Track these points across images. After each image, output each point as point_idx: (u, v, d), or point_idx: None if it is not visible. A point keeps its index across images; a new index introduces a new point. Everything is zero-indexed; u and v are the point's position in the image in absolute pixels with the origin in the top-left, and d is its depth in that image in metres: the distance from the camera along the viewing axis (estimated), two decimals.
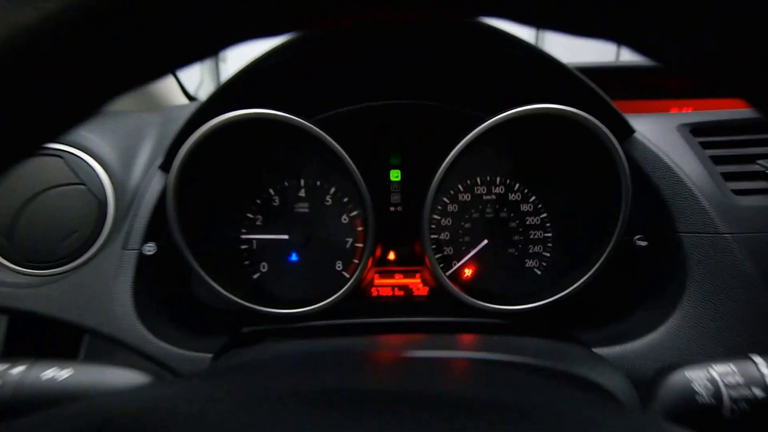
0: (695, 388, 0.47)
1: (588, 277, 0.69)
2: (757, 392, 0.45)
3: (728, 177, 0.70)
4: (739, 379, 0.47)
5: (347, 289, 0.73)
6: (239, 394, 0.29)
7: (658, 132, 0.74)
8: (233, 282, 0.77)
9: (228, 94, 0.67)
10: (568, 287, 0.70)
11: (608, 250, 0.68)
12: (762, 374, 0.47)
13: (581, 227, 0.79)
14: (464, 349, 0.62)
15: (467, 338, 0.68)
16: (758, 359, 0.49)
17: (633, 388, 0.54)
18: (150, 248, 0.67)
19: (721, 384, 0.47)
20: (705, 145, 0.73)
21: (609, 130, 0.65)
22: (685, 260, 0.66)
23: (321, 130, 0.68)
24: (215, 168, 0.74)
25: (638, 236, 0.70)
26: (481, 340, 0.67)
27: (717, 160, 0.71)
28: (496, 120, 0.67)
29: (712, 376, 0.47)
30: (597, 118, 0.65)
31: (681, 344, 0.63)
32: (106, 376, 0.48)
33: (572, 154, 0.77)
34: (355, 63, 0.71)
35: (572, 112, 0.65)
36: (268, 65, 0.64)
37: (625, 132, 0.70)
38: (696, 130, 0.75)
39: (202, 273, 0.68)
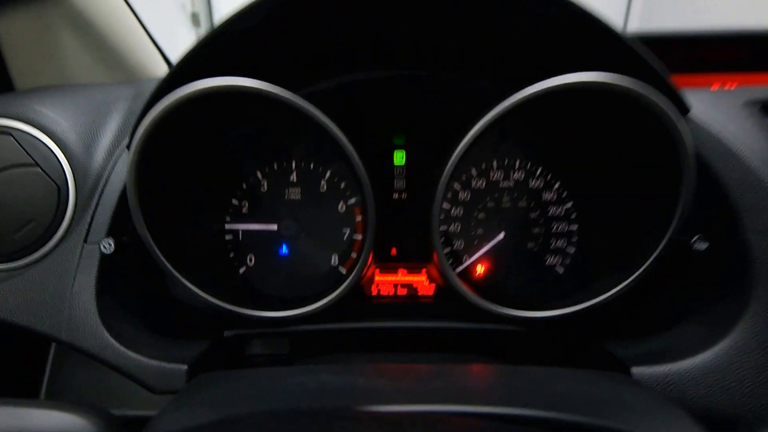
0: None
1: (627, 284, 0.60)
2: None
3: None
4: None
5: (344, 288, 0.65)
6: None
7: (719, 111, 0.63)
8: (215, 279, 0.70)
9: (201, 60, 0.57)
10: (601, 293, 0.61)
11: (658, 250, 0.58)
12: None
13: (617, 222, 0.69)
14: (478, 397, 0.42)
15: (480, 372, 0.53)
16: None
17: None
18: (108, 245, 0.58)
19: None
20: None
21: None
22: (752, 266, 0.56)
23: (311, 104, 0.58)
24: (189, 147, 0.65)
25: (696, 237, 0.60)
26: (499, 378, 0.51)
27: None
28: (530, 93, 0.56)
29: None
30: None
31: (744, 368, 0.53)
32: (28, 421, 0.39)
33: (613, 135, 0.66)
34: (352, 24, 0.61)
35: (626, 86, 0.54)
36: (247, 25, 0.54)
37: (682, 110, 0.59)
38: None
39: (176, 273, 0.60)
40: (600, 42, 0.56)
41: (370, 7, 0.58)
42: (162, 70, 1.09)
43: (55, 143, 0.63)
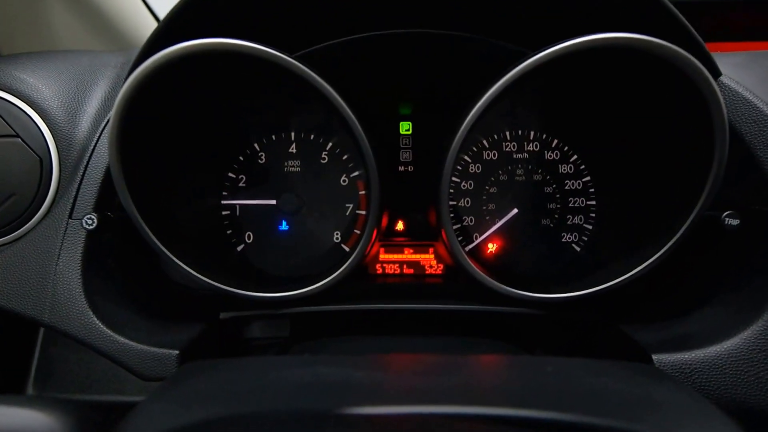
0: None
1: (652, 262, 0.56)
2: None
3: None
4: None
5: (347, 267, 0.62)
6: None
7: (750, 74, 0.58)
8: (211, 257, 0.67)
9: (189, 21, 0.53)
10: (622, 273, 0.57)
11: (686, 226, 0.54)
12: None
13: (641, 196, 0.66)
14: (495, 397, 0.39)
15: (497, 365, 0.49)
16: None
17: None
18: (91, 220, 0.56)
19: None
20: None
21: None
22: None
23: (307, 66, 0.54)
24: (179, 117, 0.62)
25: (728, 212, 0.56)
26: (518, 372, 0.46)
27: None
28: (551, 54, 0.51)
29: None
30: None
31: None
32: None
33: (639, 101, 0.62)
34: None
35: (658, 45, 0.49)
36: None
37: (713, 74, 0.54)
38: None
39: (167, 252, 0.57)
40: (631, 2, 0.51)
41: None
42: None
43: (37, 112, 0.60)
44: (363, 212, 0.74)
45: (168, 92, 0.55)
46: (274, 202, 0.74)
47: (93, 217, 0.56)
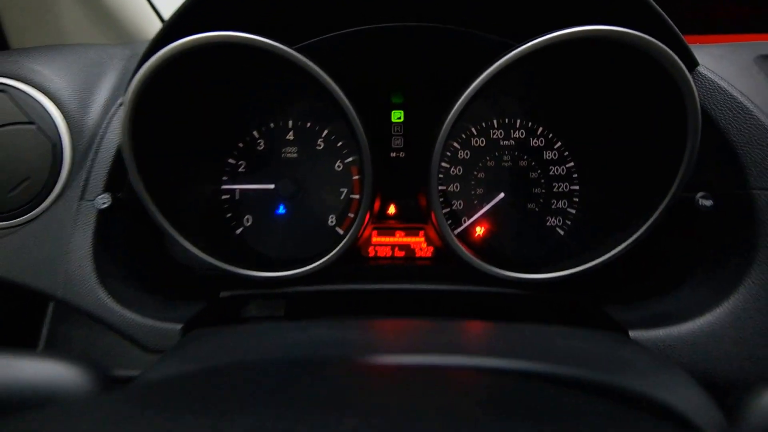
0: None
1: (631, 242, 0.63)
2: None
3: None
4: None
5: (340, 249, 0.69)
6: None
7: (729, 65, 0.64)
8: (212, 239, 0.74)
9: (195, 15, 0.59)
10: (603, 253, 0.64)
11: (661, 208, 0.61)
12: None
13: (620, 181, 0.72)
14: (479, 350, 0.47)
15: (480, 329, 0.57)
16: None
17: (716, 409, 0.43)
18: (104, 200, 0.62)
19: None
20: None
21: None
22: (757, 223, 0.58)
23: (307, 57, 0.61)
24: (184, 104, 0.68)
25: (701, 194, 0.63)
26: (499, 333, 0.55)
27: None
28: (532, 46, 0.58)
29: None
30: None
31: (747, 331, 0.56)
32: (26, 369, 0.44)
33: (617, 90, 0.68)
34: None
35: (634, 36, 0.55)
36: None
37: (689, 64, 0.60)
38: None
39: (172, 230, 0.64)
40: None
41: None
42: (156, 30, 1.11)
43: (51, 101, 0.67)
44: (356, 197, 0.81)
45: (176, 82, 0.61)
46: (272, 186, 0.80)
47: (107, 196, 0.62)
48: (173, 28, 0.59)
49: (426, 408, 0.27)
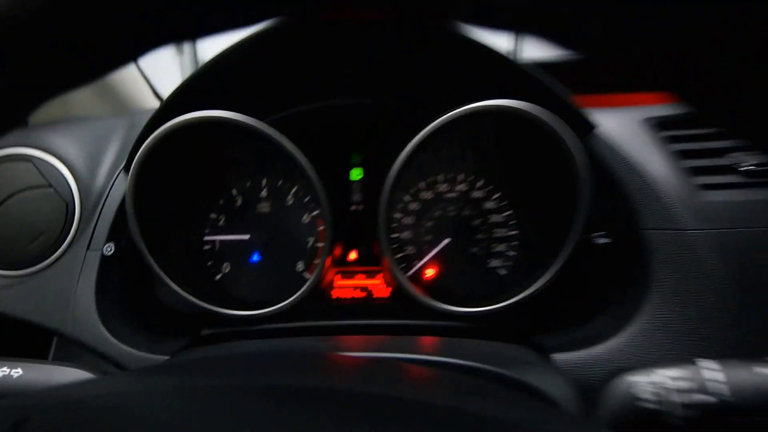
0: (640, 395, 0.51)
1: (547, 280, 0.75)
2: (701, 397, 0.48)
3: (696, 171, 0.74)
4: (682, 384, 0.50)
5: (305, 289, 0.82)
6: (164, 390, 0.34)
7: (622, 127, 0.79)
8: (195, 283, 0.88)
9: (186, 96, 0.78)
10: (528, 289, 0.77)
11: (565, 249, 0.74)
12: (706, 379, 0.49)
13: (544, 225, 0.86)
14: (406, 351, 0.65)
15: (416, 341, 0.73)
16: (704, 363, 0.52)
17: (577, 395, 0.57)
18: (109, 248, 0.78)
19: (664, 390, 0.50)
20: (671, 139, 0.78)
21: (568, 125, 0.71)
22: (649, 259, 0.70)
23: (276, 129, 0.78)
24: (176, 169, 0.85)
25: (598, 233, 0.77)
26: (429, 343, 0.72)
27: (684, 155, 0.76)
28: (443, 120, 0.75)
29: (656, 381, 0.51)
30: (555, 113, 0.71)
31: (644, 349, 0.67)
32: (55, 375, 0.59)
33: (531, 150, 0.83)
34: (314, 62, 0.81)
35: (520, 108, 0.71)
36: (226, 64, 0.74)
37: (587, 127, 0.76)
38: (661, 124, 0.81)
39: (162, 275, 0.78)
40: (503, 71, 0.75)
41: (328, 51, 0.79)
42: (150, 100, 1.33)
43: (66, 167, 0.84)
44: (321, 245, 0.95)
45: (170, 153, 0.78)
46: (247, 237, 0.96)
47: (111, 245, 0.78)
48: (167, 108, 0.77)
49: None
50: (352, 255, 0.98)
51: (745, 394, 0.46)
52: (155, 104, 1.33)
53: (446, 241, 0.95)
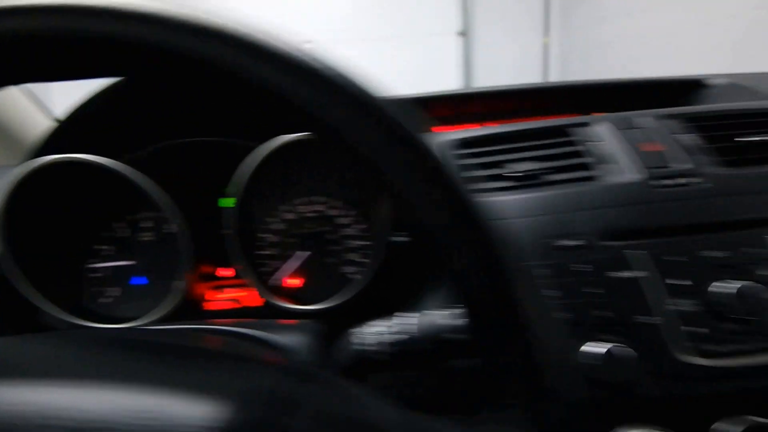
0: (360, 342, 0.67)
1: (364, 279, 0.93)
2: (400, 337, 0.65)
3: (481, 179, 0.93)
4: (393, 329, 0.67)
5: (168, 301, 0.97)
6: None
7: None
8: (80, 308, 1.02)
9: (52, 142, 0.93)
10: (352, 287, 0.94)
11: (375, 250, 0.92)
12: (405, 323, 0.67)
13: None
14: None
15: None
16: (410, 315, 0.69)
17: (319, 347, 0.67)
18: None
19: (380, 335, 0.67)
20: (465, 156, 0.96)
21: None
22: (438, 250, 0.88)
23: (132, 169, 0.93)
24: (51, 204, 1.00)
25: (400, 234, 0.94)
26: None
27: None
28: (257, 154, 0.94)
29: (376, 331, 0.68)
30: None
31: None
32: None
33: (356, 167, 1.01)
34: (157, 108, 0.98)
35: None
36: (91, 109, 0.91)
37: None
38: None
39: (38, 299, 0.92)
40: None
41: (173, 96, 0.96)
42: None
43: None
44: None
45: (38, 190, 0.93)
46: (133, 263, 1.10)
47: None
48: (39, 151, 0.92)
49: None
50: (227, 273, 1.13)
51: (427, 331, 0.64)
52: None
53: (306, 254, 1.10)
